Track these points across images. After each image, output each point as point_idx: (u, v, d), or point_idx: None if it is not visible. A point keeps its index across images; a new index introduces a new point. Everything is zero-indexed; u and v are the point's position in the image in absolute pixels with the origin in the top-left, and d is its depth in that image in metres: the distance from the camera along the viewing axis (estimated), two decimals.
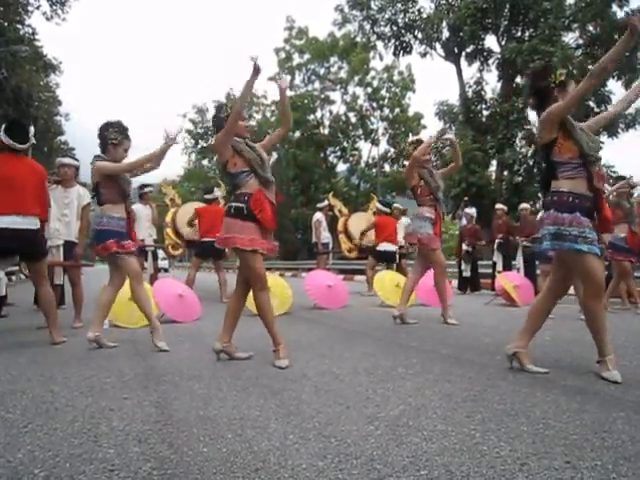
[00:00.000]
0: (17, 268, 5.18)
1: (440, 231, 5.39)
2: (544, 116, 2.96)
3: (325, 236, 9.90)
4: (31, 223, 4.11)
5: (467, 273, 10.11)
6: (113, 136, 3.95)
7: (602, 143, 3.20)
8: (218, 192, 8.48)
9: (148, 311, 4.02)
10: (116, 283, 4.07)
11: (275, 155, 4.34)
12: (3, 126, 4.15)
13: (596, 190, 2.87)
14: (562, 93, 2.97)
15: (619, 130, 17.19)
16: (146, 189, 8.05)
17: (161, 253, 10.63)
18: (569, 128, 2.89)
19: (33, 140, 4.27)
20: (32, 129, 4.30)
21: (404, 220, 9.74)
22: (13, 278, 14.32)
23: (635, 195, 6.65)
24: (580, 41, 16.95)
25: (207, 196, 8.40)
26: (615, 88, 16.67)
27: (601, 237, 2.93)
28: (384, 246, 9.03)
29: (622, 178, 6.89)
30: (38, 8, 20.57)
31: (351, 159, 33.00)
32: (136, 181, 4.85)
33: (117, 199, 3.99)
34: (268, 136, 3.83)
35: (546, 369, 2.97)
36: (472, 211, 10.66)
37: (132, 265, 3.99)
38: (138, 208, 7.25)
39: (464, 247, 10.20)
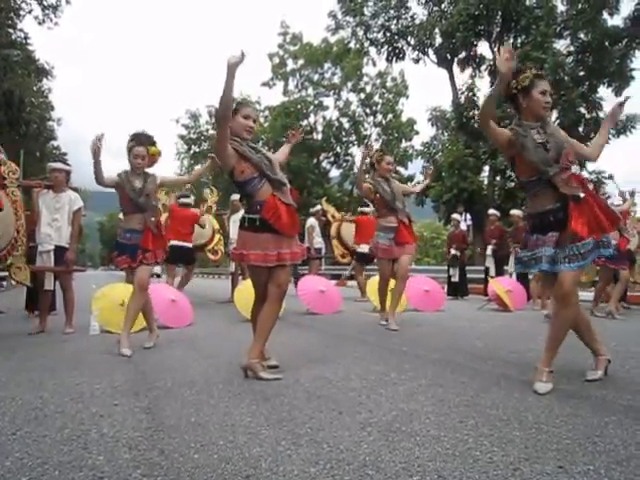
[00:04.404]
0: (7, 274, 5.13)
1: (409, 236, 5.31)
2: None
3: (318, 241, 9.92)
4: None
5: (455, 278, 10.18)
6: None
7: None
8: (188, 200, 8.66)
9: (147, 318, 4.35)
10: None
11: None
12: None
13: (565, 196, 2.62)
14: (527, 99, 2.73)
15: (610, 137, 17.32)
16: None
17: None
18: (520, 149, 2.70)
19: None
20: None
21: None
22: (4, 284, 14.19)
23: (616, 203, 6.69)
24: (571, 48, 17.08)
25: (180, 200, 8.43)
26: (606, 95, 16.76)
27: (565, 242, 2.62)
28: (364, 247, 9.00)
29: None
30: (30, 12, 20.51)
31: (344, 165, 33.04)
32: None
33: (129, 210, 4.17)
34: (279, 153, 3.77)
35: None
36: (459, 217, 10.79)
37: (139, 274, 4.14)
38: None
39: (452, 252, 10.29)
